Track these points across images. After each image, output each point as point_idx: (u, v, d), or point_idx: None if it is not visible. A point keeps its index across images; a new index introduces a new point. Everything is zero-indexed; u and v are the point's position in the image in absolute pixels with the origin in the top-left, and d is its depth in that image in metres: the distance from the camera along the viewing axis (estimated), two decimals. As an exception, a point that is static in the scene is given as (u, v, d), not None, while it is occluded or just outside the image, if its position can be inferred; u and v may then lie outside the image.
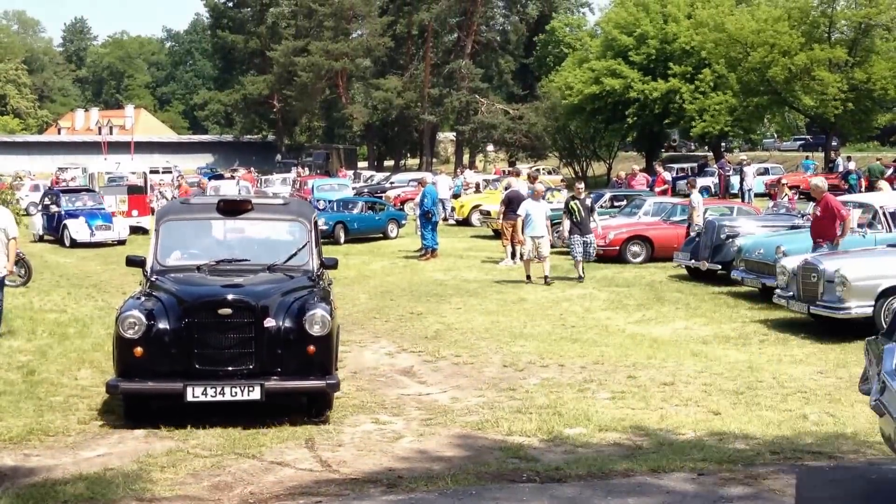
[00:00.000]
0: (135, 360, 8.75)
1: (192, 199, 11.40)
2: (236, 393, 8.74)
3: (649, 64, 52.53)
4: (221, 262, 9.95)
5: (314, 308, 9.12)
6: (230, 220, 10.55)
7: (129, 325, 8.78)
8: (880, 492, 6.42)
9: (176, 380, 8.77)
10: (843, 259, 13.55)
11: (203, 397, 8.71)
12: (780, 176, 36.38)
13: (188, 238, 10.55)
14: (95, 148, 56.90)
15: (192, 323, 8.83)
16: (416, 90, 69.35)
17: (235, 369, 8.85)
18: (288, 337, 8.97)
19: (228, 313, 8.85)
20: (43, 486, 7.02)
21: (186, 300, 9.02)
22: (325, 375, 9.05)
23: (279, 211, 10.99)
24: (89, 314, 15.70)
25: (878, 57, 44.80)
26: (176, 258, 10.13)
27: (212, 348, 8.86)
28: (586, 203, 19.96)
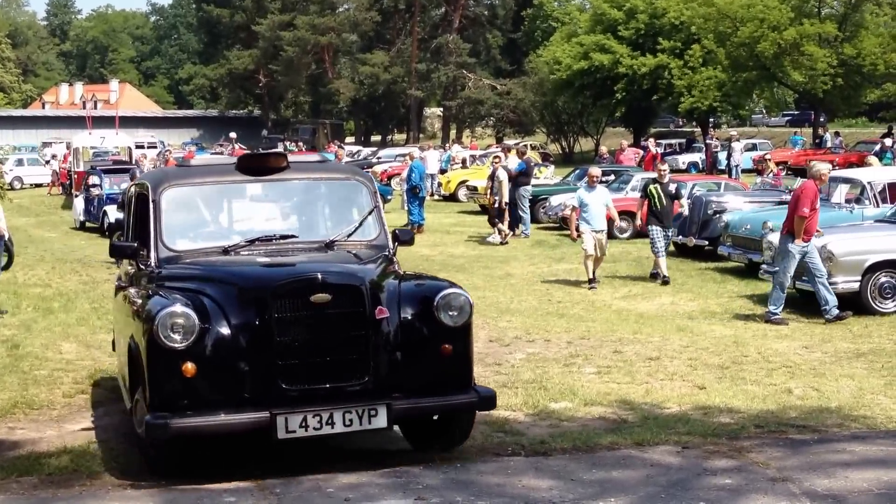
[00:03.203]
0: (184, 381, 6.09)
1: (193, 161, 8.72)
2: (351, 421, 6.18)
3: (638, 39, 52.42)
4: (257, 242, 7.29)
5: (446, 288, 6.69)
6: (259, 182, 7.73)
7: (176, 327, 6.09)
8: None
9: (257, 408, 6.13)
10: (831, 234, 13.57)
11: (303, 431, 6.10)
12: (766, 152, 36.37)
13: (201, 211, 7.78)
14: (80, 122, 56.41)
15: (270, 320, 6.20)
16: (403, 65, 69.12)
17: (342, 386, 6.29)
18: (412, 332, 6.55)
19: (326, 300, 6.24)
20: (27, 458, 7.00)
21: (255, 286, 6.43)
22: (466, 386, 6.68)
23: (325, 169, 8.38)
24: (74, 289, 15.67)
25: (868, 32, 44.85)
26: (189, 240, 7.44)
27: (304, 356, 6.23)
28: (669, 189, 16.34)
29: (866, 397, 8.66)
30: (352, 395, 6.28)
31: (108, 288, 15.83)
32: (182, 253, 7.25)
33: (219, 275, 6.82)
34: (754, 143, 44.79)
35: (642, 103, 54.61)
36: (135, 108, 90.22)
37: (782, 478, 6.20)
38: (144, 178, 8.53)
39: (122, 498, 6.07)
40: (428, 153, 35.73)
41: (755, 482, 6.12)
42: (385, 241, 7.55)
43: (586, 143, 62.10)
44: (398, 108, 74.73)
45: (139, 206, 7.87)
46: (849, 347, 11.00)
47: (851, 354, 10.64)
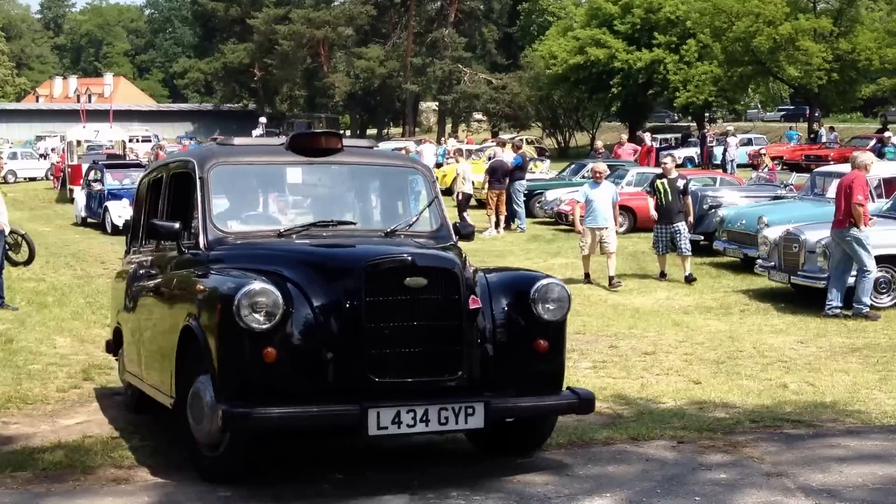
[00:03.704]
0: (264, 368, 5.61)
1: (235, 139, 8.08)
2: (447, 419, 5.66)
3: (634, 33, 52.43)
4: (313, 227, 6.81)
5: (542, 278, 6.29)
6: (312, 164, 7.15)
7: (258, 307, 5.58)
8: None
9: (346, 401, 5.61)
10: (825, 230, 13.57)
11: (395, 428, 5.60)
12: (761, 147, 36.42)
13: (251, 191, 7.31)
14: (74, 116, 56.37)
15: (361, 303, 5.68)
16: (398, 59, 69.03)
17: (435, 381, 5.81)
18: (506, 326, 6.14)
19: (421, 284, 5.76)
20: (21, 453, 6.94)
21: (343, 266, 5.96)
22: (558, 386, 6.28)
23: (381, 155, 8.17)
24: (68, 283, 15.66)
25: (863, 27, 44.90)
26: (240, 221, 7.01)
27: (396, 345, 5.73)
28: (676, 184, 15.72)
29: (861, 392, 8.67)
30: (445, 392, 5.77)
31: (103, 283, 15.86)
32: (233, 235, 6.73)
33: (295, 254, 6.31)
34: (749, 138, 44.80)
35: (638, 98, 54.62)
36: (129, 102, 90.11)
37: (777, 472, 6.20)
38: (187, 154, 7.88)
39: (116, 493, 6.02)
40: (424, 147, 35.70)
41: (750, 477, 6.13)
42: (448, 234, 7.08)
43: (582, 138, 62.05)
44: (394, 103, 74.65)
45: (176, 187, 7.32)
46: (844, 342, 11.01)
47: (846, 349, 10.64)
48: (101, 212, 24.87)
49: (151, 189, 8.02)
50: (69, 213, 29.08)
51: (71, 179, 33.67)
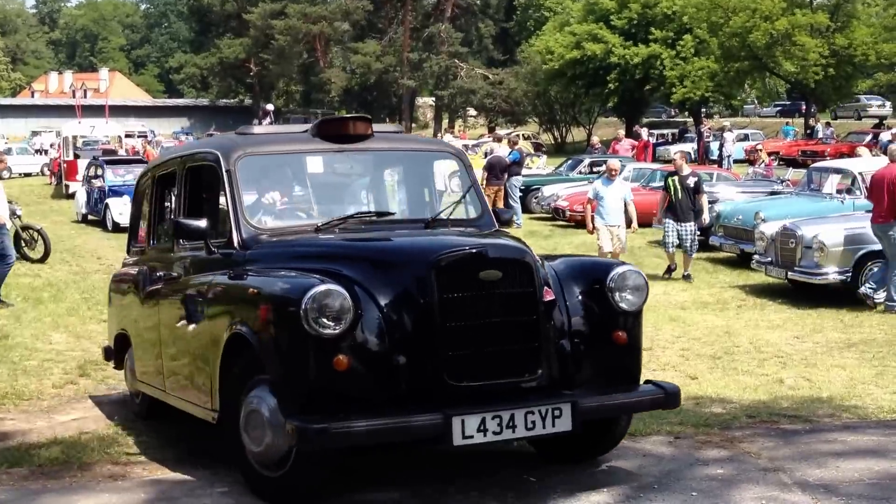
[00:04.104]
0: (335, 377, 5.12)
1: (255, 128, 7.47)
2: (534, 423, 5.22)
3: (630, 29, 52.43)
4: (351, 219, 6.38)
5: (618, 265, 5.94)
6: (344, 152, 6.72)
7: (328, 311, 5.09)
8: None
9: (425, 409, 5.15)
10: (821, 225, 13.62)
11: (481, 436, 5.13)
12: (758, 142, 36.46)
13: (280, 183, 6.77)
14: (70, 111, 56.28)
15: (434, 301, 5.25)
16: (395, 54, 68.96)
17: (515, 382, 5.41)
18: (582, 317, 5.76)
19: (497, 277, 5.37)
20: (18, 449, 6.94)
21: (411, 261, 5.48)
22: (636, 380, 5.91)
23: (413, 140, 7.87)
24: (64, 279, 15.63)
25: (860, 22, 44.99)
26: (273, 216, 6.53)
27: (473, 345, 5.30)
28: (687, 182, 15.36)
29: (857, 387, 8.67)
30: (525, 394, 5.37)
31: (99, 279, 15.84)
32: (268, 231, 6.25)
33: (349, 250, 5.85)
34: (746, 134, 44.87)
35: (634, 93, 54.65)
36: (125, 97, 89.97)
37: (774, 468, 6.20)
38: (206, 146, 7.17)
39: (112, 489, 6.01)
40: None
41: (747, 472, 6.13)
42: (490, 221, 6.71)
43: (578, 133, 62.07)
44: (390, 98, 74.59)
45: (193, 182, 6.87)
46: (840, 338, 11.02)
47: (843, 345, 10.65)
48: (102, 209, 24.49)
49: (158, 185, 7.58)
50: (65, 209, 29.04)
51: (67, 175, 33.62)
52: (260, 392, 5.47)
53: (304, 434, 5.01)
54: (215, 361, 5.87)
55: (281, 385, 5.31)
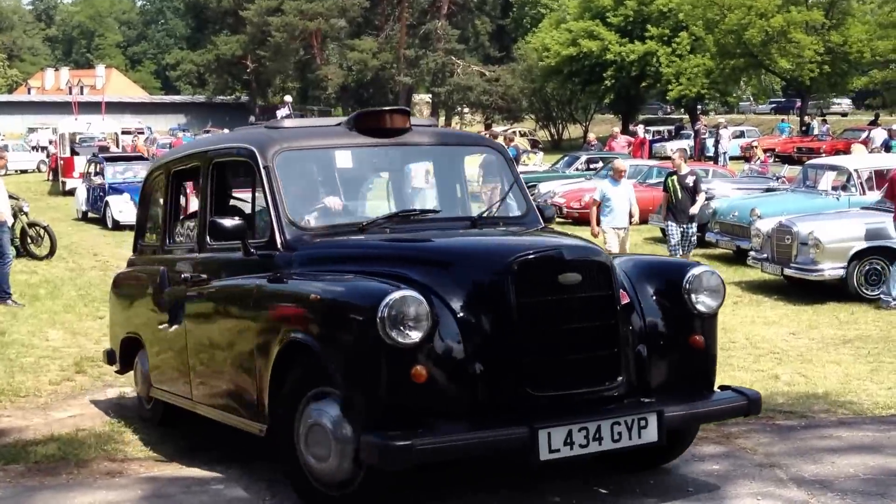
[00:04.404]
0: (414, 390, 4.79)
1: (284, 121, 7.05)
2: (620, 435, 4.96)
3: (627, 26, 52.50)
4: (395, 217, 6.10)
5: (694, 266, 5.66)
6: (384, 146, 6.40)
7: (407, 319, 4.74)
8: None
9: (506, 421, 4.84)
10: (817, 221, 13.64)
11: (567, 450, 4.83)
12: (754, 139, 36.50)
13: (321, 179, 6.47)
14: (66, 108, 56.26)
15: (511, 306, 4.96)
16: (391, 51, 68.93)
17: (595, 391, 5.14)
18: (659, 321, 5.52)
19: (576, 281, 5.10)
20: (14, 446, 6.95)
21: (485, 264, 5.17)
22: (710, 386, 5.65)
23: (452, 135, 7.68)
24: (60, 276, 15.62)
25: (855, 19, 45.06)
26: (317, 215, 6.15)
27: (552, 353, 5.04)
28: (686, 181, 15.03)
29: (853, 383, 8.69)
30: (606, 403, 5.12)
31: (95, 275, 15.86)
32: (312, 231, 5.89)
33: (414, 251, 5.53)
34: (742, 131, 44.94)
35: (631, 90, 54.71)
36: (121, 94, 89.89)
37: (770, 463, 6.21)
38: (237, 140, 6.70)
39: (109, 486, 6.02)
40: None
41: (743, 468, 6.14)
42: (536, 218, 6.46)
43: (575, 130, 62.06)
44: (387, 95, 74.49)
45: (220, 179, 6.63)
46: (835, 334, 11.04)
47: (838, 341, 10.67)
48: (102, 207, 24.30)
49: (175, 181, 7.27)
50: (62, 206, 29.02)
51: (63, 172, 33.61)
52: (324, 405, 5.13)
53: (386, 451, 4.66)
54: (265, 371, 5.50)
55: (353, 398, 4.94)
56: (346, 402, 4.98)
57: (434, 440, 4.71)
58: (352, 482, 5.08)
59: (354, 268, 5.41)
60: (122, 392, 8.67)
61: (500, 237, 5.92)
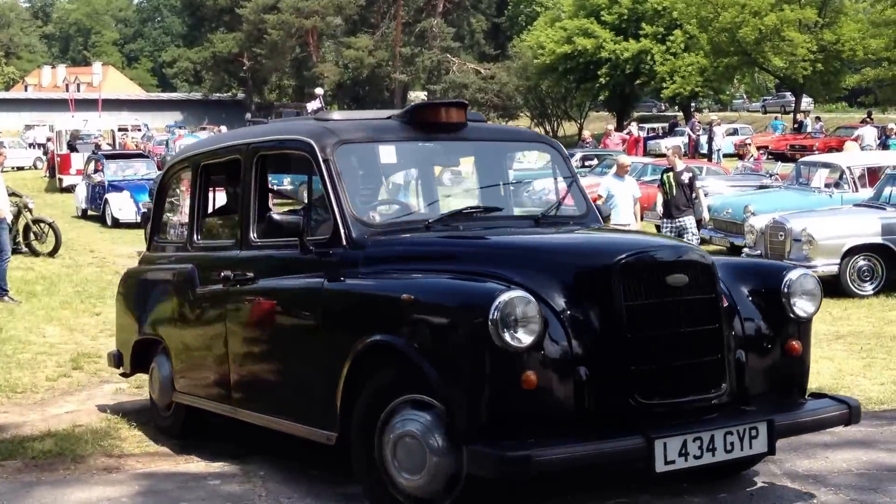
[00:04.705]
0: (523, 397, 4.51)
1: (333, 113, 6.80)
2: (732, 445, 4.75)
3: (621, 24, 52.59)
4: (460, 214, 5.82)
5: (791, 269, 5.45)
6: (442, 141, 6.20)
7: (520, 321, 4.47)
8: None
9: (621, 431, 4.61)
10: (810, 218, 13.72)
11: (682, 461, 4.63)
12: (747, 137, 36.57)
13: (379, 175, 6.36)
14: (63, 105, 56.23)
15: (619, 308, 4.72)
16: (387, 49, 68.95)
17: (702, 399, 4.91)
18: (758, 325, 5.29)
19: (684, 283, 4.87)
20: (11, 442, 6.95)
21: (591, 263, 4.90)
22: (803, 392, 5.50)
23: (505, 130, 7.52)
24: (56, 272, 15.62)
25: (847, 18, 45.19)
26: (381, 212, 6.05)
27: (660, 358, 4.80)
28: (682, 178, 14.86)
29: (846, 379, 8.72)
30: (712, 411, 4.89)
31: (92, 272, 15.89)
32: (377, 228, 5.60)
33: (507, 250, 5.24)
34: (735, 128, 45.03)
35: (625, 88, 54.79)
36: (118, 91, 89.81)
37: (764, 459, 6.21)
38: (289, 131, 6.34)
39: (106, 482, 6.01)
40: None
41: (736, 463, 6.15)
42: (596, 217, 6.24)
43: (570, 128, 62.08)
44: (382, 92, 74.50)
45: (262, 173, 6.32)
46: (828, 330, 11.07)
47: (831, 337, 10.70)
48: (102, 204, 24.19)
49: (204, 174, 6.89)
50: (59, 203, 28.97)
51: (60, 168, 33.61)
52: (415, 413, 4.79)
53: (503, 463, 4.37)
54: (337, 377, 5.14)
55: (456, 406, 4.59)
56: (448, 410, 4.64)
57: (552, 451, 4.43)
58: (445, 497, 4.76)
59: (435, 266, 5.13)
60: (119, 388, 8.67)
61: (596, 235, 5.69)
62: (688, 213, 14.95)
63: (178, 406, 6.91)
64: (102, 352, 10.00)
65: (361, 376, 5.05)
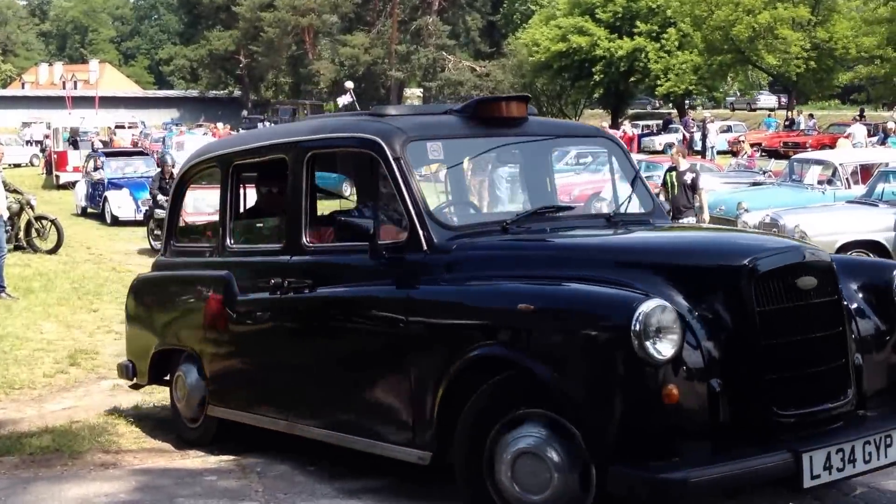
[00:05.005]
0: (664, 412, 4.18)
1: (388, 108, 6.14)
2: (870, 455, 4.45)
3: (616, 22, 52.77)
4: (532, 215, 5.47)
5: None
6: (508, 136, 5.85)
7: (663, 332, 4.16)
8: None
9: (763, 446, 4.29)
10: (803, 215, 13.80)
11: (826, 475, 4.31)
12: (740, 134, 36.70)
13: (451, 173, 6.10)
14: (60, 102, 56.28)
15: (752, 316, 4.39)
16: (383, 47, 68.97)
17: (831, 407, 4.58)
18: (871, 327, 4.98)
19: (813, 286, 4.56)
20: (9, 438, 6.95)
21: (715, 269, 4.56)
22: None
23: (563, 125, 7.01)
24: (53, 269, 15.63)
25: (840, 16, 45.42)
26: (459, 213, 5.83)
27: (793, 367, 4.49)
28: (684, 178, 14.66)
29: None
30: (837, 420, 4.58)
31: (89, 268, 15.88)
32: (459, 230, 5.23)
33: (622, 253, 4.93)
34: (729, 125, 45.13)
35: (619, 85, 54.96)
36: (115, 89, 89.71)
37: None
38: (350, 129, 5.84)
39: (103, 478, 5.99)
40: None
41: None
42: (664, 215, 5.97)
43: (566, 125, 62.01)
44: (378, 90, 74.51)
45: (311, 172, 5.88)
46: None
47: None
48: (102, 202, 23.88)
49: (236, 175, 6.44)
50: (56, 200, 28.93)
51: (57, 166, 33.66)
52: (537, 430, 4.43)
53: (657, 486, 4.07)
54: (430, 392, 4.82)
55: (590, 423, 4.27)
56: (581, 428, 4.30)
57: (707, 471, 4.12)
58: None
59: (537, 272, 4.76)
60: (116, 384, 8.62)
61: (710, 235, 5.37)
62: (689, 214, 14.74)
63: (208, 418, 6.56)
64: (100, 348, 10.13)
65: (461, 392, 4.71)
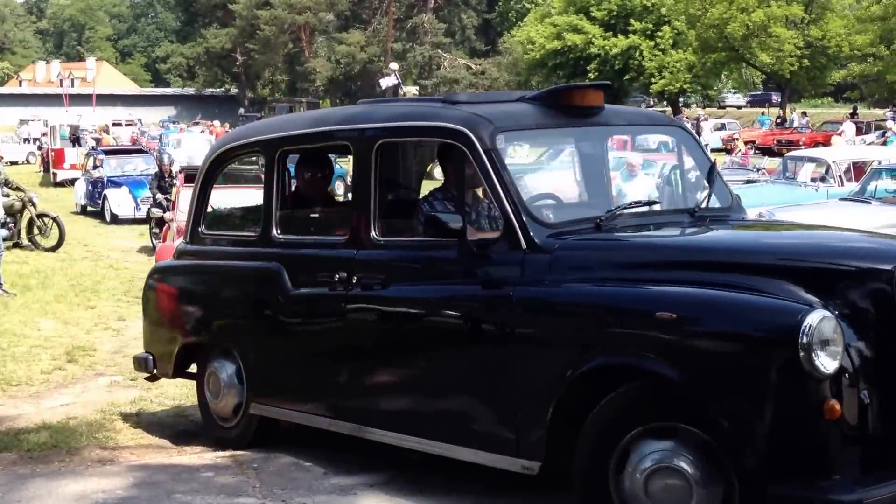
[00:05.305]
0: (825, 427, 3.93)
1: (460, 95, 5.84)
2: None
3: (610, 20, 52.91)
4: (623, 211, 5.15)
5: None
6: (592, 126, 5.57)
7: (828, 344, 3.91)
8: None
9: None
10: (796, 212, 13.86)
11: None
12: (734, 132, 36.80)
13: (538, 165, 6.00)
14: (57, 100, 56.26)
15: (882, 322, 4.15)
16: (379, 44, 69.03)
17: None
18: None
19: None
20: (6, 435, 6.98)
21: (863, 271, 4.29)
22: None
23: (637, 114, 6.86)
24: (51, 266, 15.65)
25: (833, 14, 45.54)
26: (551, 207, 5.33)
27: None
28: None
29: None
30: None
31: (86, 265, 15.93)
32: (556, 228, 4.89)
33: (755, 254, 4.59)
34: (723, 123, 45.23)
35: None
36: (112, 86, 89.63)
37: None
38: (428, 117, 5.44)
39: (101, 474, 5.98)
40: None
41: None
42: (741, 208, 5.69)
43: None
44: (374, 88, 74.50)
45: (386, 164, 5.57)
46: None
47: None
48: (101, 200, 23.76)
49: (281, 162, 6.07)
50: (54, 197, 28.90)
51: (54, 163, 33.69)
52: (673, 444, 4.19)
53: None
54: (544, 399, 4.53)
55: (746, 441, 3.99)
56: (727, 442, 4.06)
57: (879, 491, 3.91)
58: None
59: (660, 276, 4.46)
60: (114, 381, 8.74)
61: (842, 234, 5.09)
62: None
63: (249, 416, 6.25)
64: (97, 345, 10.19)
65: (576, 400, 4.47)
